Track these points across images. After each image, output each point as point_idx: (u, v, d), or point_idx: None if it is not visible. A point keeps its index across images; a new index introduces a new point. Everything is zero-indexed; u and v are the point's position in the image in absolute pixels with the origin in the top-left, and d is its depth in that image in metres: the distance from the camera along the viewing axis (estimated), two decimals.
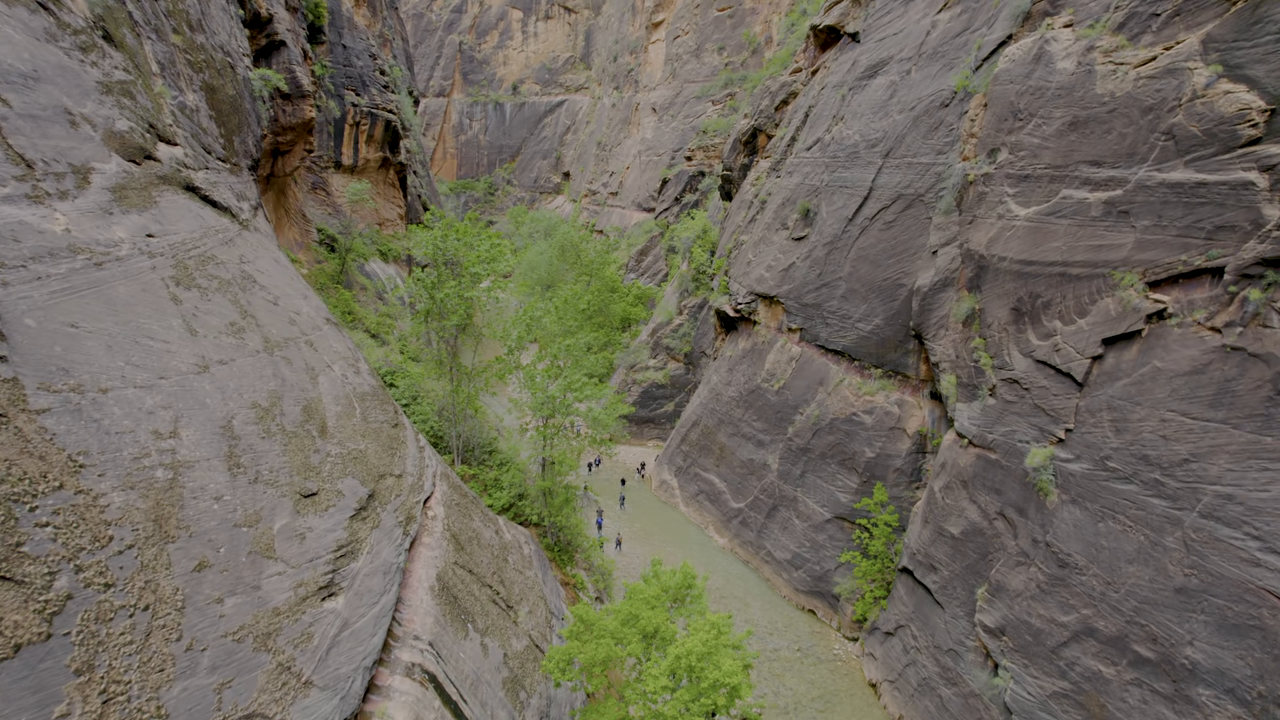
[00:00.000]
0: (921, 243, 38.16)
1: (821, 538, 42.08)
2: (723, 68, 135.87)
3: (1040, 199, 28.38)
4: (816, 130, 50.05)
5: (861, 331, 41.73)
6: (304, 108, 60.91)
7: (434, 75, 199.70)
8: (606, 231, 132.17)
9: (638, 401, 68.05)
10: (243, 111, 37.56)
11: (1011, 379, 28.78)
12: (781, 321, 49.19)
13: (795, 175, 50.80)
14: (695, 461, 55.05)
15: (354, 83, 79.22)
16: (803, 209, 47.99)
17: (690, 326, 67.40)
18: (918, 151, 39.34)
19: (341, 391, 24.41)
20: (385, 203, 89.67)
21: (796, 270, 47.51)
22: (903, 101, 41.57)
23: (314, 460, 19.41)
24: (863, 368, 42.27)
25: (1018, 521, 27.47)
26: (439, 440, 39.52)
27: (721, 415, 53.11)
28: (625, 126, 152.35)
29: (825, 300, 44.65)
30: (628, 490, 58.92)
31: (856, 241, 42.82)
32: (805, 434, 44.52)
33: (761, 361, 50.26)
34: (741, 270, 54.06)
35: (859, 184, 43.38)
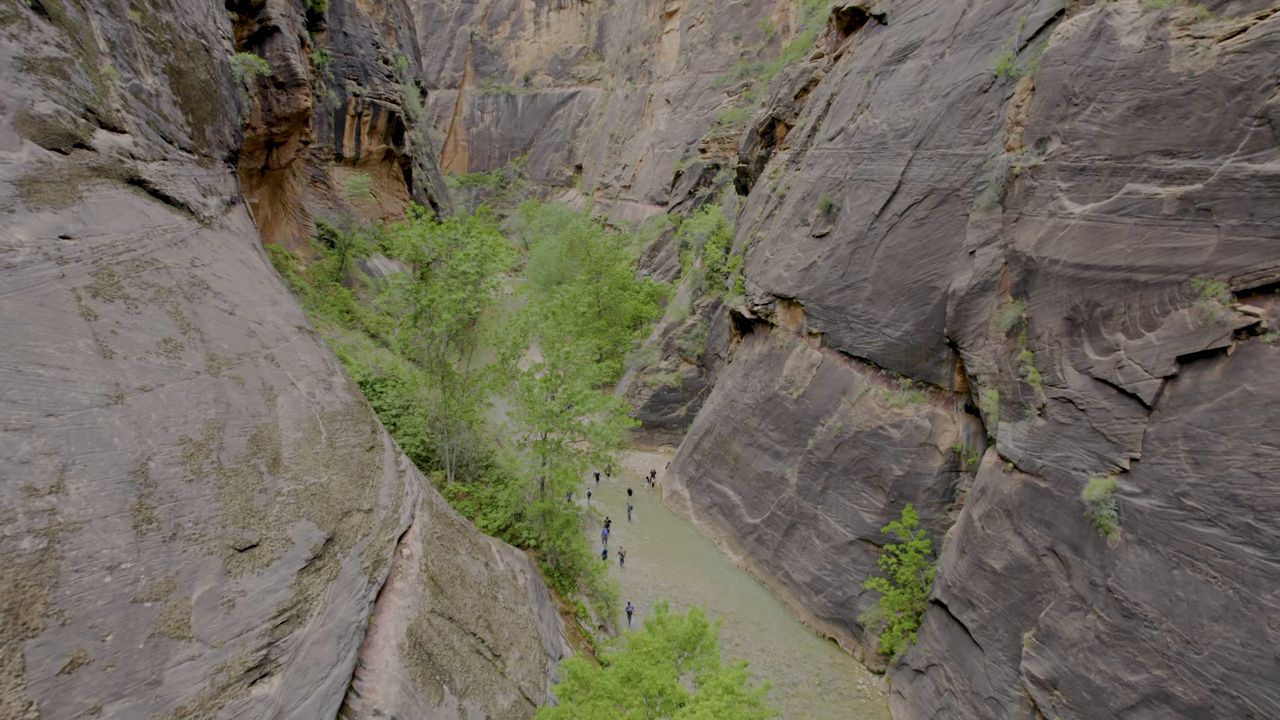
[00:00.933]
0: (957, 242, 34.84)
1: (844, 560, 38.92)
2: (738, 58, 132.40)
3: (1100, 194, 25.03)
4: (840, 120, 46.69)
5: (889, 338, 38.46)
6: (299, 97, 58.18)
7: (445, 67, 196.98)
8: (619, 225, 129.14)
9: (648, 405, 65.02)
10: (218, 98, 34.62)
11: (1065, 398, 25.50)
12: (801, 325, 45.96)
13: (816, 168, 47.49)
14: (708, 472, 51.98)
15: (355, 72, 76.40)
16: (825, 204, 44.69)
17: (704, 327, 64.25)
18: (953, 142, 35.97)
19: (305, 414, 21.48)
20: (389, 196, 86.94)
21: (818, 270, 44.25)
22: (936, 87, 38.18)
23: (258, 503, 16.48)
24: (890, 377, 38.99)
25: (1072, 560, 24.23)
26: (431, 454, 36.66)
27: (736, 423, 49.98)
28: (638, 118, 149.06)
29: (849, 303, 41.38)
30: (636, 500, 55.93)
31: (884, 240, 39.51)
32: (827, 447, 41.33)
33: (779, 367, 47.07)
34: (758, 269, 50.84)
35: (887, 177, 40.05)
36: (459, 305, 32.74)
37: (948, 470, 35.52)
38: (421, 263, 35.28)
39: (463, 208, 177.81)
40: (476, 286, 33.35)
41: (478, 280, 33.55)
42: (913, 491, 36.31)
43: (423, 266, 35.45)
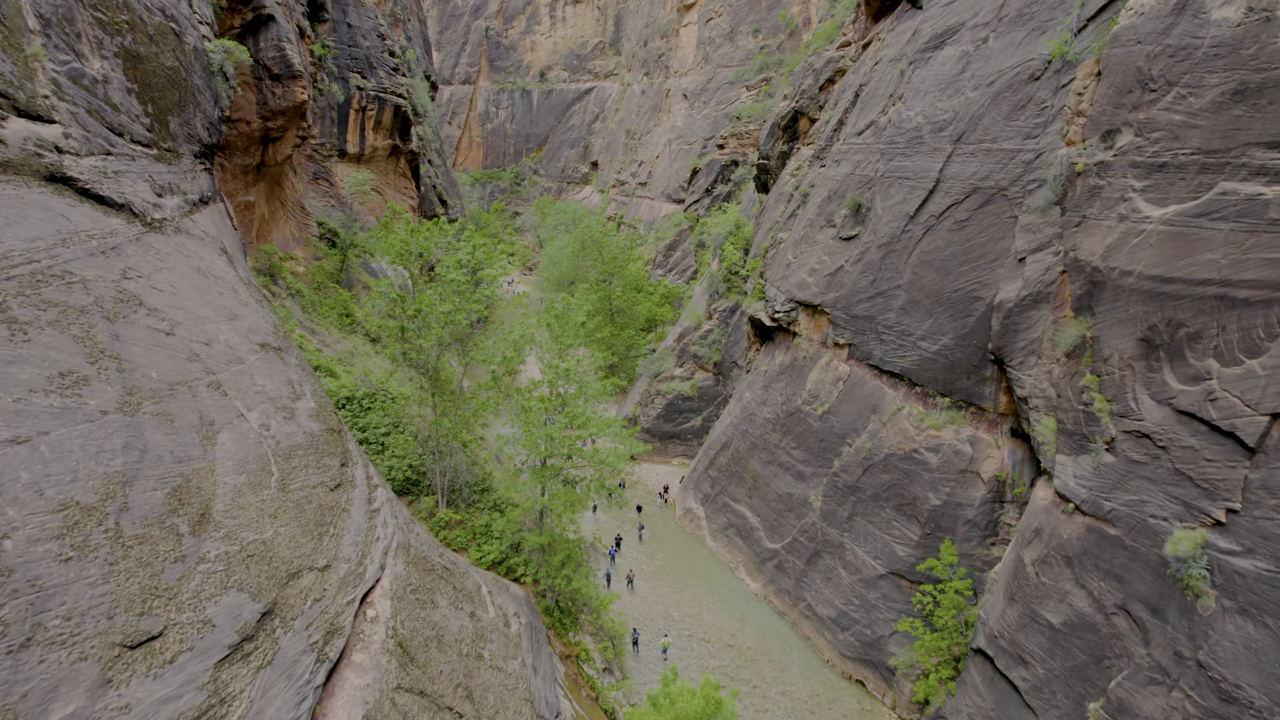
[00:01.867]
0: (1004, 247, 31.24)
1: (873, 596, 35.45)
2: (758, 51, 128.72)
3: (1185, 195, 21.43)
4: (869, 112, 43.08)
5: (925, 352, 34.90)
6: (295, 89, 55.34)
7: (460, 62, 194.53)
8: (634, 224, 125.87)
9: (662, 414, 61.69)
10: (187, 87, 31.57)
11: (1140, 432, 21.93)
12: (826, 334, 42.45)
13: (843, 164, 43.92)
14: (724, 490, 48.60)
15: (360, 65, 73.55)
16: (853, 204, 41.13)
17: (720, 333, 60.82)
18: (998, 135, 32.35)
19: (254, 451, 18.35)
20: (396, 194, 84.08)
21: (845, 275, 40.72)
22: (978, 75, 34.54)
23: (169, 577, 13.36)
24: (926, 395, 35.43)
25: (1150, 625, 20.69)
26: (421, 478, 33.58)
27: (755, 439, 46.55)
28: (655, 114, 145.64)
29: (880, 312, 37.83)
30: (647, 518, 52.63)
31: (919, 243, 35.94)
32: (854, 470, 37.85)
33: (802, 380, 43.58)
34: (779, 273, 47.35)
35: (923, 175, 36.46)
36: (448, 316, 29.59)
37: (991, 501, 31.95)
38: (412, 268, 32.25)
39: (477, 205, 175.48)
40: (467, 296, 30.21)
41: (470, 289, 30.41)
42: (951, 523, 32.78)
43: (413, 272, 32.42)
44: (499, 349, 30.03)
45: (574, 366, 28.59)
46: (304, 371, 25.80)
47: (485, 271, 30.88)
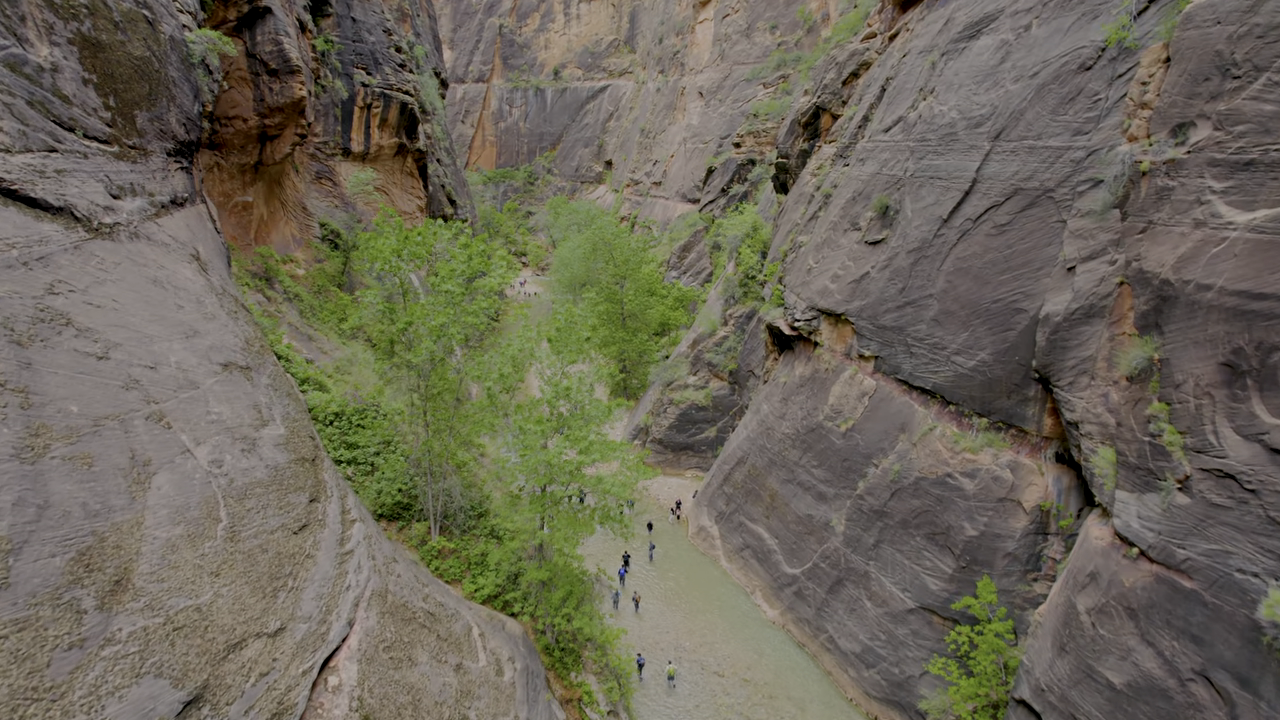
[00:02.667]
0: (1051, 254, 28.33)
1: (902, 632, 32.63)
2: (775, 48, 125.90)
3: (1277, 197, 18.53)
4: (897, 108, 40.19)
5: (960, 367, 32.03)
6: (293, 85, 53.03)
7: (473, 60, 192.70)
8: (648, 224, 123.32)
9: (675, 425, 58.99)
10: (160, 79, 29.22)
11: (1222, 471, 19.04)
12: (850, 346, 39.60)
13: (869, 163, 41.06)
14: (740, 508, 45.84)
15: (365, 60, 71.30)
16: (880, 205, 38.28)
17: (736, 340, 58.04)
18: (1044, 131, 29.43)
19: (199, 495, 15.87)
20: (403, 194, 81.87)
21: (871, 282, 37.87)
22: (1020, 66, 31.61)
23: (56, 672, 10.89)
24: (961, 414, 32.54)
25: (1239, 698, 17.82)
26: (413, 502, 31.08)
27: (773, 455, 43.77)
28: (670, 112, 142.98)
29: (910, 323, 34.97)
30: (659, 536, 49.98)
31: (954, 249, 33.06)
32: (881, 493, 35.03)
33: (824, 393, 40.75)
34: (800, 278, 44.53)
35: (957, 174, 33.58)
36: (440, 331, 27.04)
37: (1033, 533, 29.06)
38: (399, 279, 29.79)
39: (490, 204, 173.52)
40: (464, 308, 27.67)
41: (467, 299, 27.88)
42: (989, 556, 29.90)
43: (404, 280, 29.96)
44: (496, 365, 27.45)
45: (575, 385, 25.95)
46: (277, 392, 23.36)
47: (483, 280, 28.34)
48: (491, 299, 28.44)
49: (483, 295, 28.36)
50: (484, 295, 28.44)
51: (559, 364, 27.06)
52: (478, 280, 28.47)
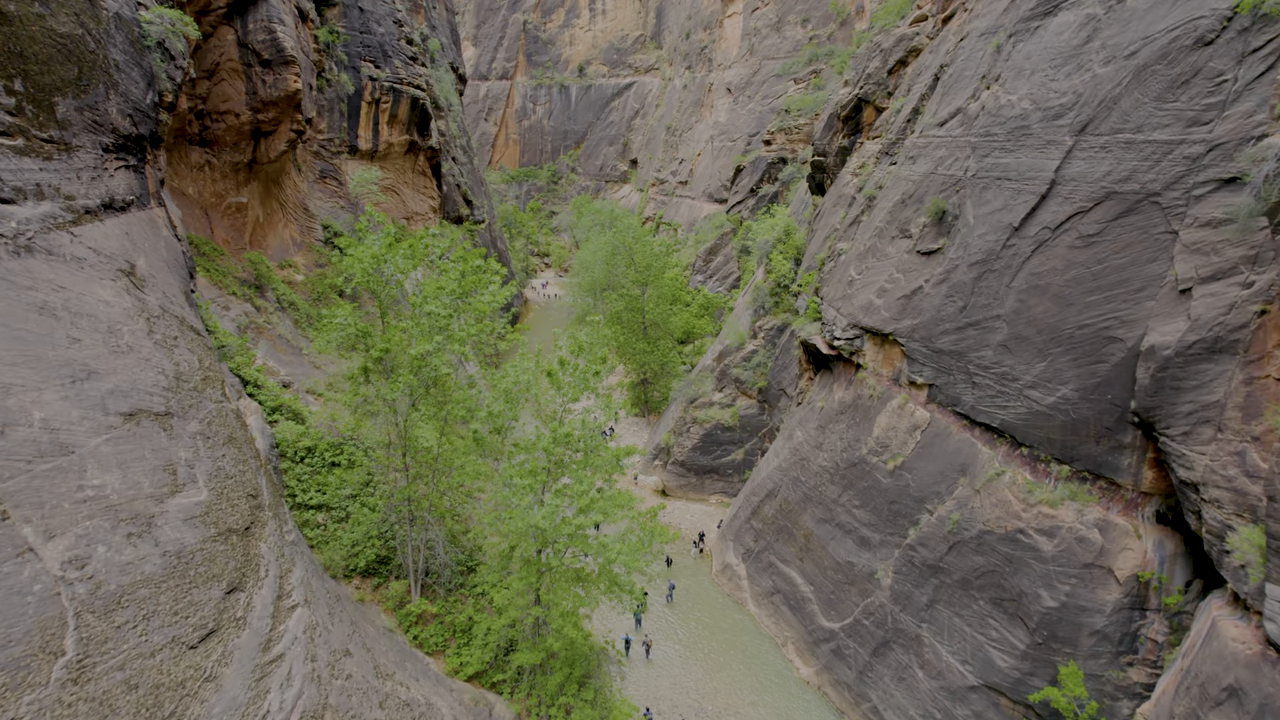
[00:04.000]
0: (1155, 272, 23.31)
1: (962, 712, 27.71)
2: (806, 42, 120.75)
3: None
4: (955, 98, 35.19)
5: (1036, 404, 27.04)
6: (287, 77, 49.27)
7: (497, 57, 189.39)
8: (674, 226, 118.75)
9: (699, 445, 54.29)
10: (95, 63, 25.22)
11: None
12: (899, 370, 34.69)
13: (921, 161, 36.09)
14: (770, 546, 41.07)
15: (373, 53, 67.34)
16: (935, 210, 33.34)
17: (766, 355, 53.18)
18: (1145, 122, 24.38)
19: (31, 619, 11.62)
20: (414, 194, 77.96)
21: (925, 299, 32.94)
22: (1112, 45, 26.52)
23: None
24: (1035, 459, 27.55)
25: None
26: (391, 555, 26.76)
27: (807, 489, 38.95)
28: (697, 109, 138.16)
29: (973, 348, 30.02)
30: (679, 571, 45.29)
31: (1028, 262, 28.06)
32: (936, 545, 30.15)
33: (868, 423, 35.86)
34: (839, 291, 39.65)
35: (1031, 174, 28.57)
36: (421, 361, 22.66)
37: (1128, 607, 24.05)
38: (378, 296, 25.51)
39: (513, 204, 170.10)
40: (451, 335, 23.26)
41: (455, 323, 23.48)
42: (1071, 633, 24.92)
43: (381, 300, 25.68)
44: (485, 402, 23.05)
45: (576, 431, 21.42)
46: (210, 441, 19.03)
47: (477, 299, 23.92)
48: (482, 325, 24.00)
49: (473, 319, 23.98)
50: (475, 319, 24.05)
51: (560, 400, 22.57)
52: (471, 298, 24.10)
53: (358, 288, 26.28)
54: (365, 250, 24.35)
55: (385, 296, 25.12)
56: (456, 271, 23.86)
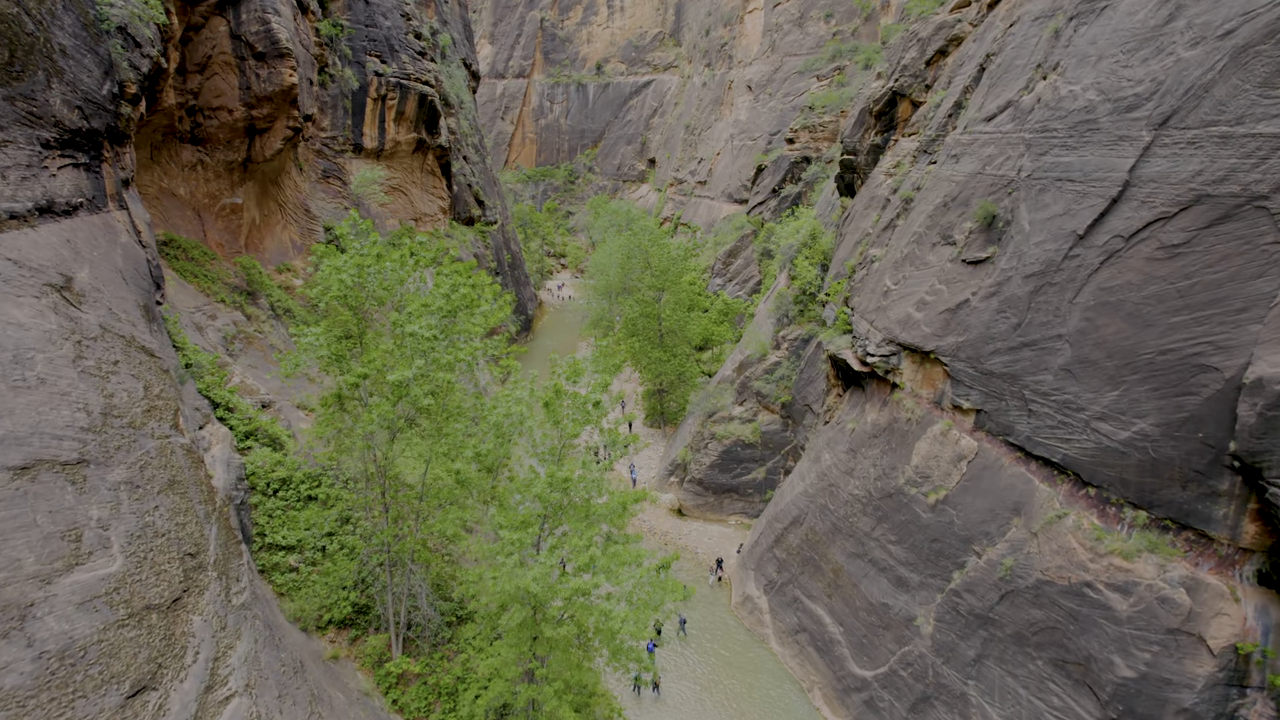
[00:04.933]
0: (1262, 289, 19.79)
1: None
2: (830, 38, 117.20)
3: None
4: (1004, 90, 31.66)
5: (1107, 438, 23.54)
6: (282, 71, 46.59)
7: (514, 55, 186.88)
8: (693, 228, 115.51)
9: (718, 463, 50.99)
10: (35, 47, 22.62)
11: None
12: (941, 392, 31.22)
13: (966, 160, 32.60)
14: (795, 579, 37.72)
15: (379, 47, 64.55)
16: (983, 215, 29.84)
17: (790, 367, 49.76)
18: (1246, 114, 20.83)
19: None
20: (423, 194, 75.22)
21: (972, 314, 29.46)
22: (1201, 24, 22.95)
23: None
24: (1105, 501, 24.03)
25: None
26: (371, 604, 23.72)
27: (837, 520, 35.57)
28: (716, 107, 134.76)
29: (1029, 371, 26.52)
30: (694, 603, 41.98)
31: (1096, 276, 24.55)
32: (986, 593, 26.70)
33: (905, 450, 32.43)
34: (873, 302, 36.22)
35: (1099, 175, 25.05)
36: (401, 390, 19.58)
37: (1224, 684, 20.52)
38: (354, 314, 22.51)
39: (529, 204, 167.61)
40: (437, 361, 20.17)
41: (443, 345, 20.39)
42: (1154, 710, 21.39)
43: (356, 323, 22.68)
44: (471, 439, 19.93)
45: (577, 479, 18.22)
46: (141, 491, 15.98)
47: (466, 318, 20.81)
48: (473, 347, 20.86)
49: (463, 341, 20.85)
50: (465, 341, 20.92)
51: (558, 437, 19.41)
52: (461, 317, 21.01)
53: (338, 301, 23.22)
54: (343, 262, 21.34)
55: (361, 316, 22.11)
56: (445, 286, 20.81)
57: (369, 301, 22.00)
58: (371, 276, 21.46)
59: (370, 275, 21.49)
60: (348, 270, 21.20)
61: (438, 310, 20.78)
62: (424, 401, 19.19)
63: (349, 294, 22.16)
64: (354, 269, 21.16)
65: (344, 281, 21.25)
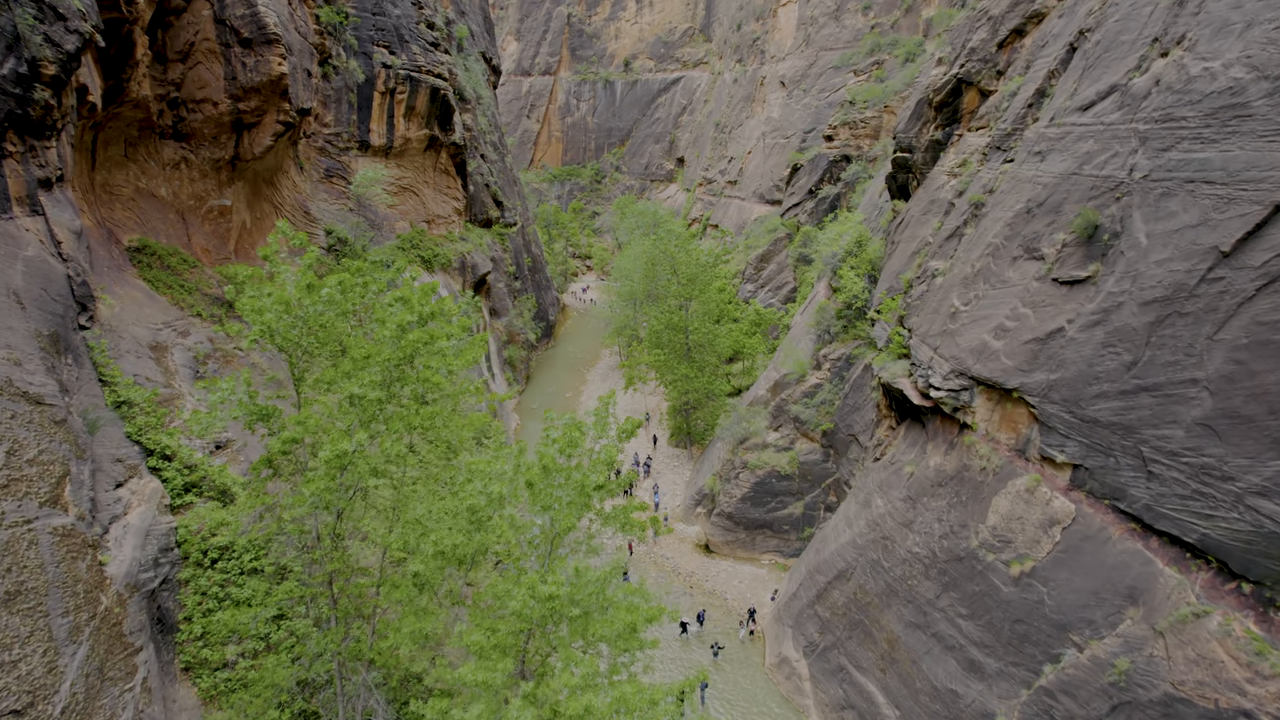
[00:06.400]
0: None
1: None
2: (868, 30, 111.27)
3: None
4: (1106, 71, 26.14)
5: (1271, 521, 18.07)
6: (269, 59, 42.39)
7: (540, 52, 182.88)
8: (722, 232, 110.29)
9: (749, 495, 45.75)
10: None
11: None
12: (1026, 439, 25.76)
13: (1055, 158, 27.11)
14: (840, 644, 32.46)
15: (387, 37, 60.11)
16: (1082, 225, 24.37)
17: (833, 390, 44.34)
18: None
19: None
20: (436, 194, 70.73)
21: (1069, 346, 24.01)
22: None
23: None
24: (1269, 602, 18.51)
25: None
26: (320, 714, 18.89)
27: (892, 580, 30.26)
28: (748, 104, 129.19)
29: (1150, 422, 21.06)
30: (722, 663, 36.88)
31: (1250, 305, 19.06)
32: (1091, 699, 21.27)
33: (979, 505, 27.03)
34: (936, 324, 30.84)
35: (1254, 175, 19.54)
36: (342, 460, 14.77)
37: None
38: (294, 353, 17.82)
39: (554, 204, 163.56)
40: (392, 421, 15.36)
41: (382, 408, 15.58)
42: None
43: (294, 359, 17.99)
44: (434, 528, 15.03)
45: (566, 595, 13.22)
46: None
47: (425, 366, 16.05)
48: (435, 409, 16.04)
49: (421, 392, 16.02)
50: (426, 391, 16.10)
51: (547, 529, 14.47)
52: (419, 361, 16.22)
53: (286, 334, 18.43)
54: (271, 296, 16.62)
55: (295, 355, 17.44)
56: (393, 325, 16.01)
57: (306, 339, 17.36)
58: (306, 309, 16.83)
59: (305, 308, 16.87)
60: (269, 310, 16.57)
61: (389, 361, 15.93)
62: (369, 481, 14.41)
63: (276, 336, 17.43)
64: (276, 307, 16.54)
65: (266, 324, 16.61)
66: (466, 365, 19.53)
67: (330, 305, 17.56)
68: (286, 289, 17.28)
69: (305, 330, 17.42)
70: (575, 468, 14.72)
